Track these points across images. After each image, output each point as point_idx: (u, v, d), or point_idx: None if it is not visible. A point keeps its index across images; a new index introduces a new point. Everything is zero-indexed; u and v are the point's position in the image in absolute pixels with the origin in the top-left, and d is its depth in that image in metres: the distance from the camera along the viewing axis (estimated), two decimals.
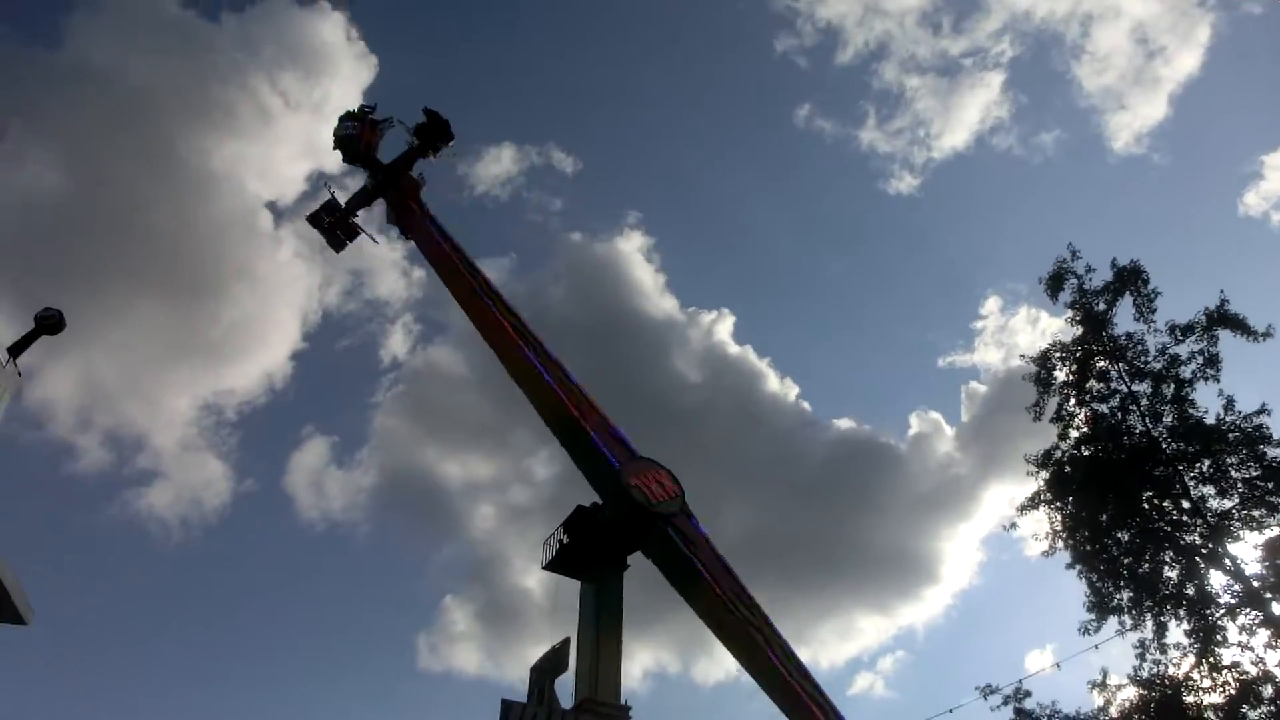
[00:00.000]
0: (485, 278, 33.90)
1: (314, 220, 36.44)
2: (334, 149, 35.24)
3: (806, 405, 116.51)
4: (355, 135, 34.45)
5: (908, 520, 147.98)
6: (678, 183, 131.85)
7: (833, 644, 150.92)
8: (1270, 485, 16.52)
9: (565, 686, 32.22)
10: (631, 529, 33.93)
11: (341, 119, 34.99)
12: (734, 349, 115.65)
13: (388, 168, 34.90)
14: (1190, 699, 16.56)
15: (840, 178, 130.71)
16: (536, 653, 39.24)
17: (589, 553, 34.39)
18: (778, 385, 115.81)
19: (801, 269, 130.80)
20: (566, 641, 32.67)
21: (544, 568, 35.89)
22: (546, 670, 32.27)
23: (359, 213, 35.69)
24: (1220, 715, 16.28)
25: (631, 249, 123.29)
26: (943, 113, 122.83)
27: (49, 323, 3.46)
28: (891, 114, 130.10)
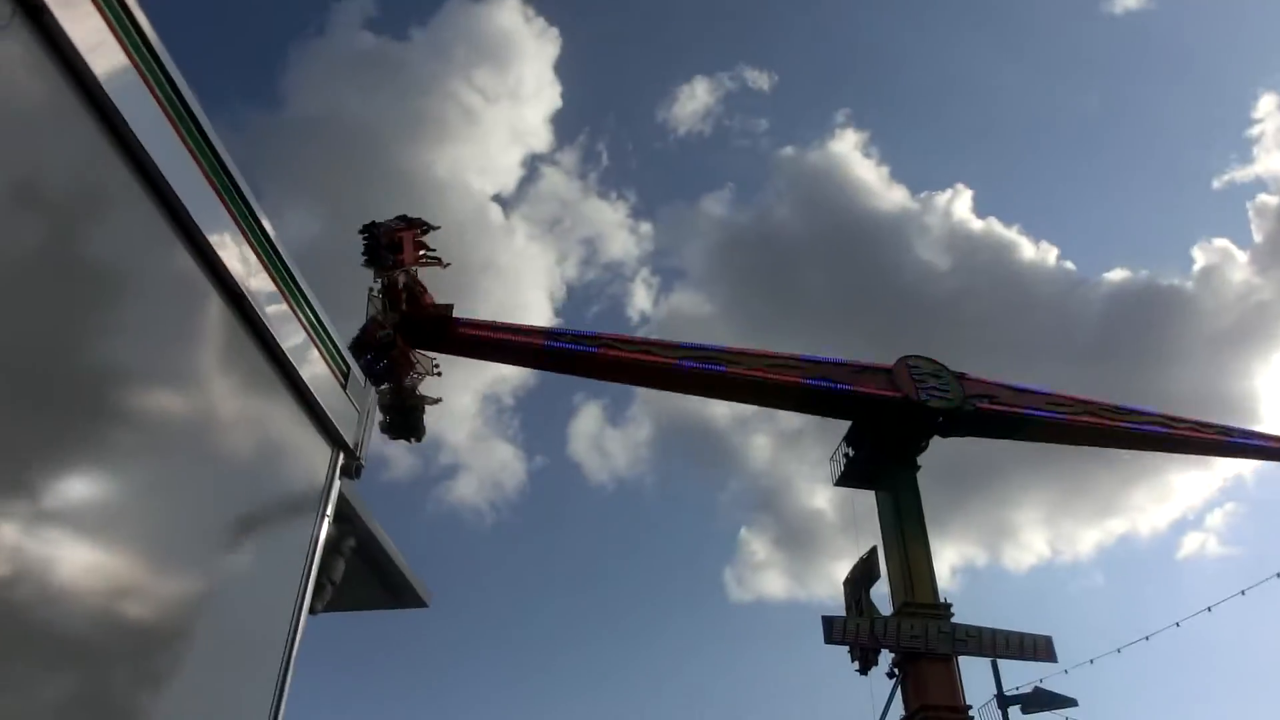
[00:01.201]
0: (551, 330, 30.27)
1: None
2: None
3: (1070, 265, 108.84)
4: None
5: (1210, 363, 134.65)
6: (877, 65, 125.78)
7: (1149, 509, 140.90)
8: None
9: (881, 597, 32.58)
10: (920, 432, 33.89)
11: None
12: (977, 224, 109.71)
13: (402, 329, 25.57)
14: None
15: (1051, 6, 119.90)
16: (840, 569, 39.61)
17: (877, 462, 34.37)
18: (1033, 251, 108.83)
19: (1031, 119, 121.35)
20: (874, 551, 32.95)
21: (835, 484, 36.24)
22: (860, 581, 32.74)
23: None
24: None
25: (847, 149, 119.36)
26: None
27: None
28: None
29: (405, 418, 26.21)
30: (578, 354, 28.81)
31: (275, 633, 2.76)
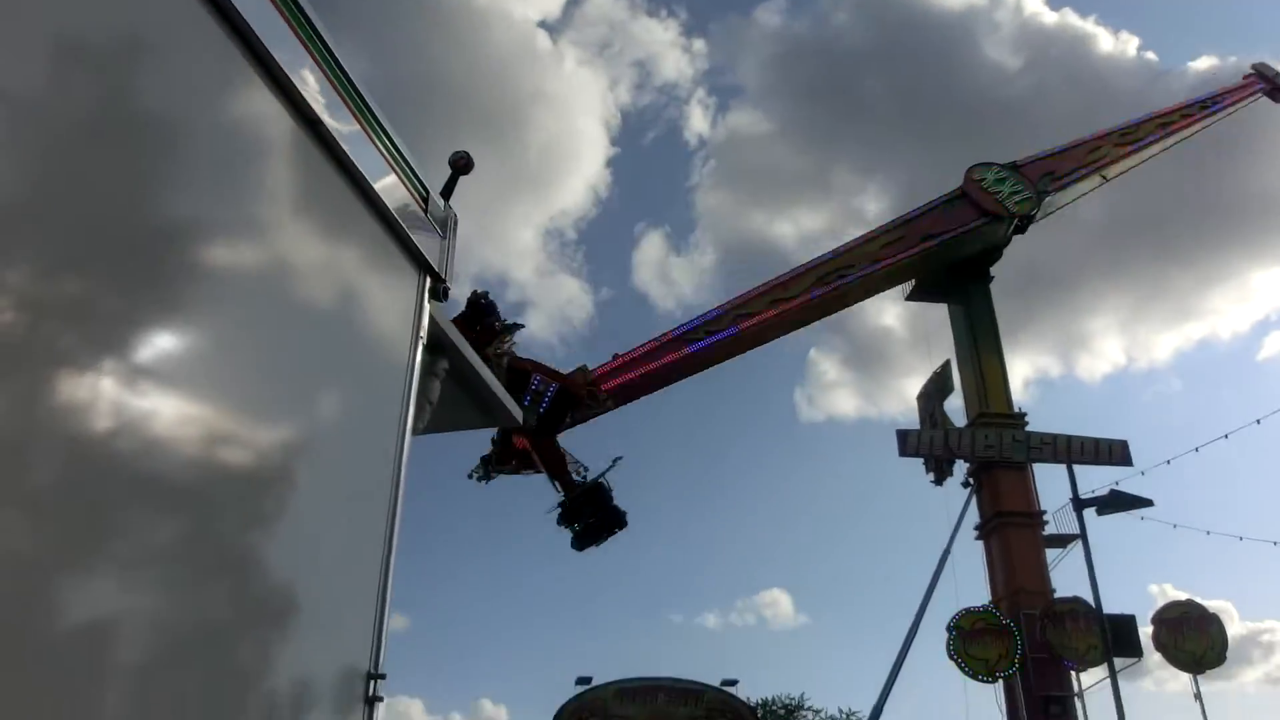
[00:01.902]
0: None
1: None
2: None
3: (1152, 56, 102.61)
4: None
5: None
6: None
7: (1229, 311, 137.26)
8: None
9: (955, 410, 32.79)
10: (1002, 242, 33.37)
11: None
12: (1050, 18, 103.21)
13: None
14: None
15: None
16: (910, 386, 39.77)
17: (950, 275, 33.88)
18: (1112, 43, 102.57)
19: None
20: (947, 364, 32.99)
21: (907, 299, 35.97)
22: (933, 394, 32.93)
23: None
24: None
25: None
26: None
27: (460, 164, 4.01)
28: None
29: (598, 507, 22.67)
30: (722, 342, 28.48)
31: (383, 454, 2.88)
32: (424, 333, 3.17)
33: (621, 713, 18.12)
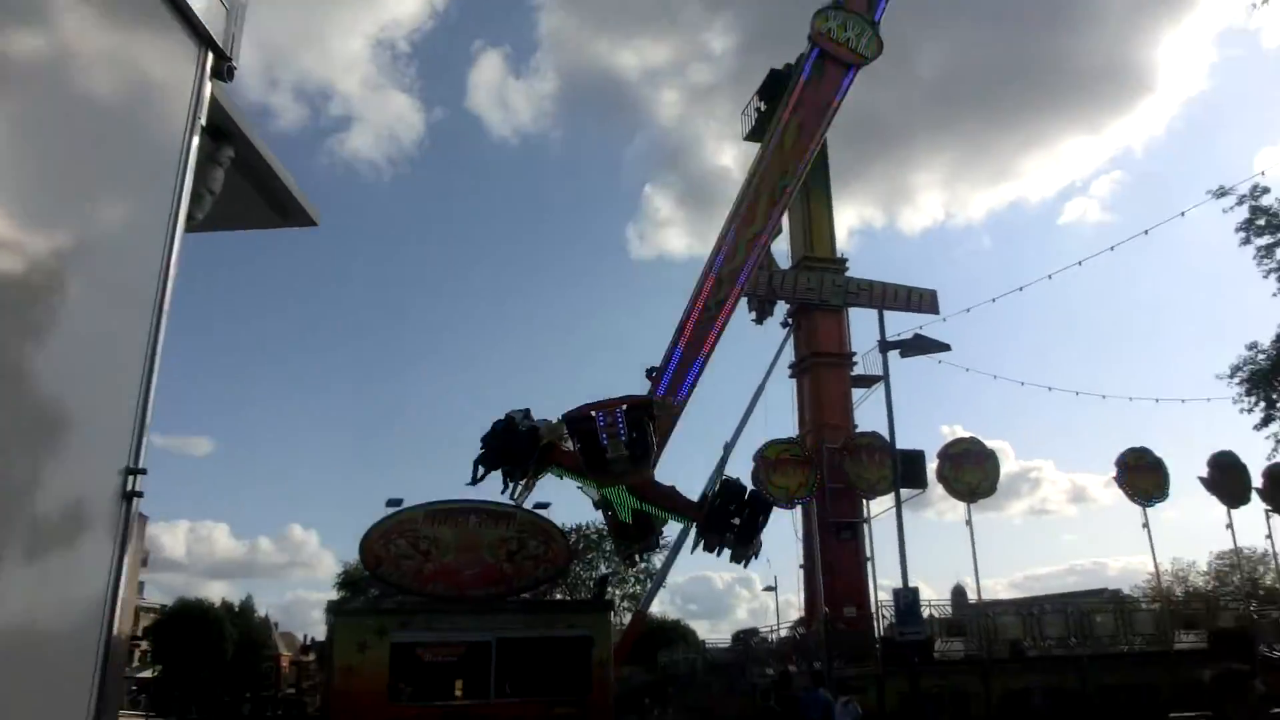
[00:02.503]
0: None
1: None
2: None
3: None
4: None
5: (1119, 27, 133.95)
6: None
7: (1040, 177, 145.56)
8: None
9: (780, 253, 33.68)
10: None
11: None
12: None
13: None
14: None
15: None
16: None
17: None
18: None
19: None
20: None
21: (745, 138, 36.14)
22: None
23: None
24: None
25: None
26: None
27: None
28: None
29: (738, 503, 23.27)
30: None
31: (151, 250, 2.64)
32: (203, 115, 2.87)
33: (431, 534, 18.16)
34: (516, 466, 21.61)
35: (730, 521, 22.94)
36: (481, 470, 21.82)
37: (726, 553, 22.63)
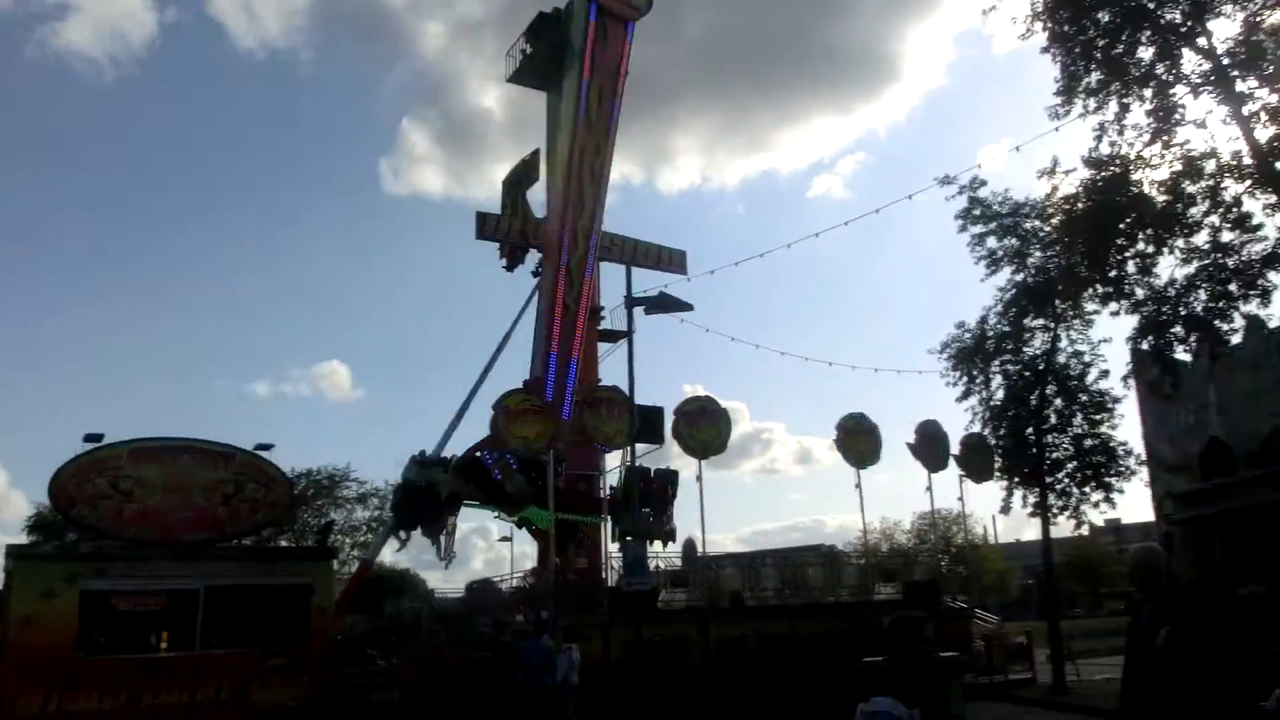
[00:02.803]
0: None
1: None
2: None
3: None
4: None
5: (874, 16, 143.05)
6: None
7: (793, 150, 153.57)
8: None
9: (539, 203, 33.24)
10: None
11: None
12: None
13: None
14: (1136, 175, 17.30)
15: None
16: (502, 171, 39.70)
17: (556, 58, 33.45)
18: None
19: None
20: (536, 153, 33.08)
21: (508, 80, 35.22)
22: (519, 182, 33.02)
23: None
24: (1162, 187, 17.12)
25: None
26: None
27: None
28: None
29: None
30: None
31: None
32: None
33: (136, 474, 16.41)
34: (429, 525, 22.48)
35: (642, 509, 24.43)
36: (404, 534, 23.77)
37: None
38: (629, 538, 21.08)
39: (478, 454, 22.87)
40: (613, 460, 29.34)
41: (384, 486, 33.50)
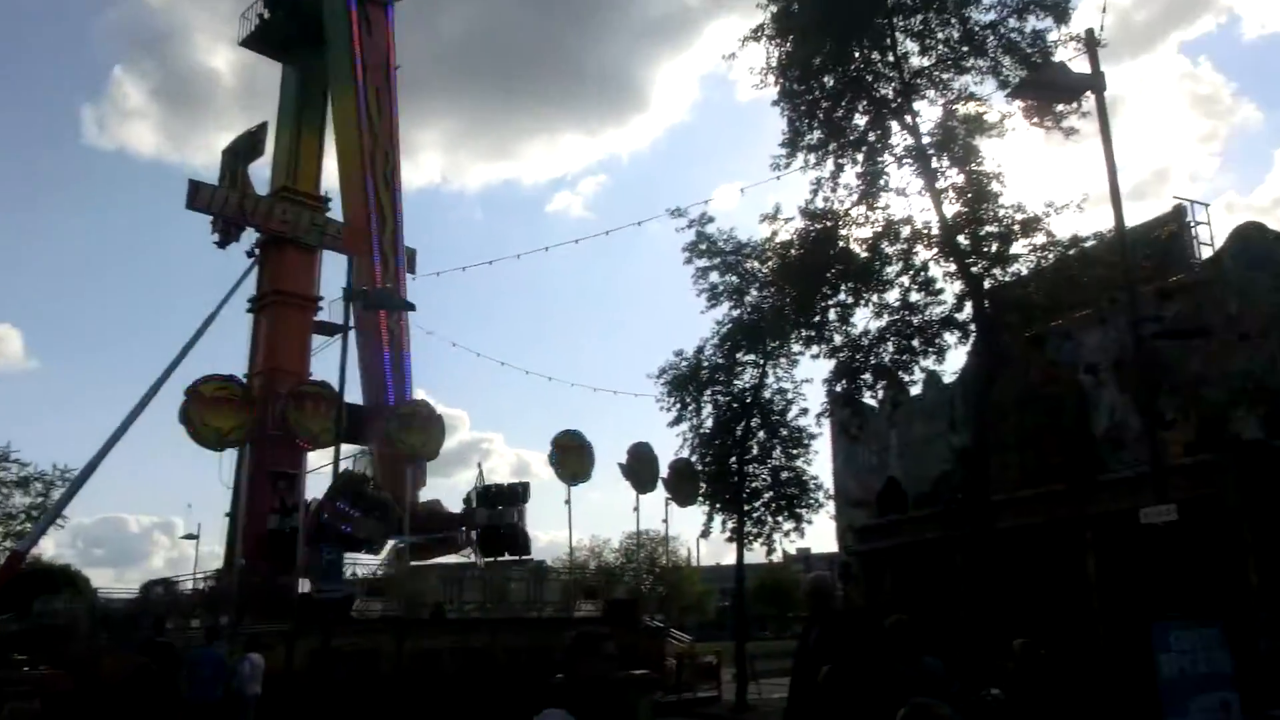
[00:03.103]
0: None
1: None
2: None
3: None
4: None
5: (630, 45, 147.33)
6: None
7: (537, 162, 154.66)
8: (965, 49, 17.61)
9: (262, 180, 31.20)
10: None
11: None
12: None
13: None
14: (844, 232, 18.71)
15: None
16: (225, 139, 37.04)
17: (298, 29, 31.60)
18: None
19: None
20: (264, 126, 31.09)
21: (240, 43, 32.87)
22: (241, 153, 30.90)
23: None
24: (864, 245, 18.63)
25: None
26: None
27: None
28: None
29: None
30: None
31: None
32: None
33: None
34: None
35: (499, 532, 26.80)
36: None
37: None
38: (324, 545, 20.03)
39: (321, 518, 22.10)
40: (317, 459, 27.91)
41: (50, 470, 29.75)
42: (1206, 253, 19.31)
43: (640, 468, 29.09)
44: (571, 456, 27.78)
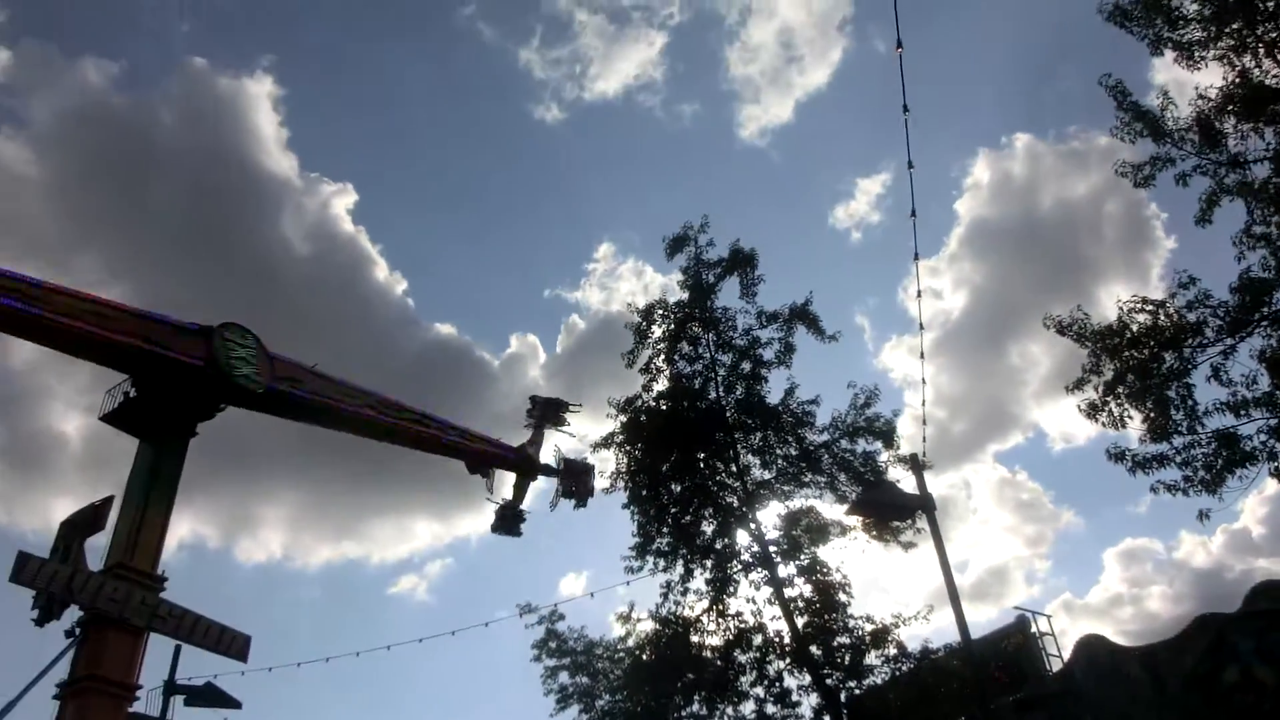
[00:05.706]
0: None
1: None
2: None
3: (411, 302, 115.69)
4: None
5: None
6: (321, 41, 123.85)
7: (386, 542, 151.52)
8: (803, 464, 18.83)
9: (96, 548, 29.60)
10: (216, 401, 31.86)
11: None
12: (348, 227, 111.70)
13: None
14: (696, 639, 18.58)
15: (490, 85, 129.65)
16: (64, 507, 35.38)
17: (158, 414, 31.55)
18: (386, 275, 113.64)
19: (433, 165, 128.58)
20: (109, 500, 29.92)
21: (101, 419, 32.47)
22: (80, 527, 29.45)
23: None
24: (716, 654, 18.44)
25: (260, 93, 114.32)
26: (603, 56, 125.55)
27: None
28: (555, 41, 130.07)
29: None
30: None
31: None
32: None
33: None
34: None
35: None
36: None
37: None
38: None
39: None
40: None
41: None
42: (1056, 664, 19.79)
43: None
44: None
